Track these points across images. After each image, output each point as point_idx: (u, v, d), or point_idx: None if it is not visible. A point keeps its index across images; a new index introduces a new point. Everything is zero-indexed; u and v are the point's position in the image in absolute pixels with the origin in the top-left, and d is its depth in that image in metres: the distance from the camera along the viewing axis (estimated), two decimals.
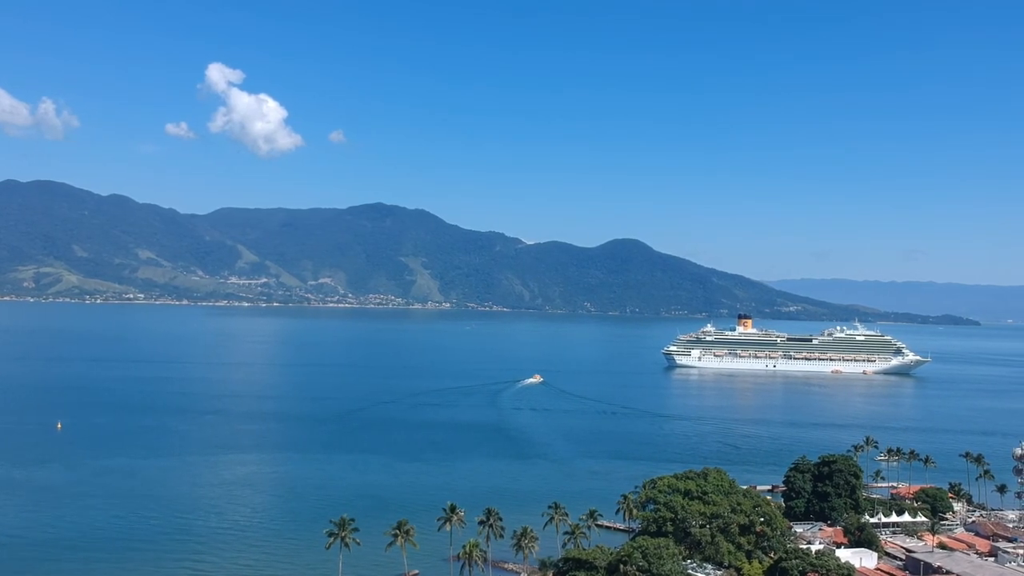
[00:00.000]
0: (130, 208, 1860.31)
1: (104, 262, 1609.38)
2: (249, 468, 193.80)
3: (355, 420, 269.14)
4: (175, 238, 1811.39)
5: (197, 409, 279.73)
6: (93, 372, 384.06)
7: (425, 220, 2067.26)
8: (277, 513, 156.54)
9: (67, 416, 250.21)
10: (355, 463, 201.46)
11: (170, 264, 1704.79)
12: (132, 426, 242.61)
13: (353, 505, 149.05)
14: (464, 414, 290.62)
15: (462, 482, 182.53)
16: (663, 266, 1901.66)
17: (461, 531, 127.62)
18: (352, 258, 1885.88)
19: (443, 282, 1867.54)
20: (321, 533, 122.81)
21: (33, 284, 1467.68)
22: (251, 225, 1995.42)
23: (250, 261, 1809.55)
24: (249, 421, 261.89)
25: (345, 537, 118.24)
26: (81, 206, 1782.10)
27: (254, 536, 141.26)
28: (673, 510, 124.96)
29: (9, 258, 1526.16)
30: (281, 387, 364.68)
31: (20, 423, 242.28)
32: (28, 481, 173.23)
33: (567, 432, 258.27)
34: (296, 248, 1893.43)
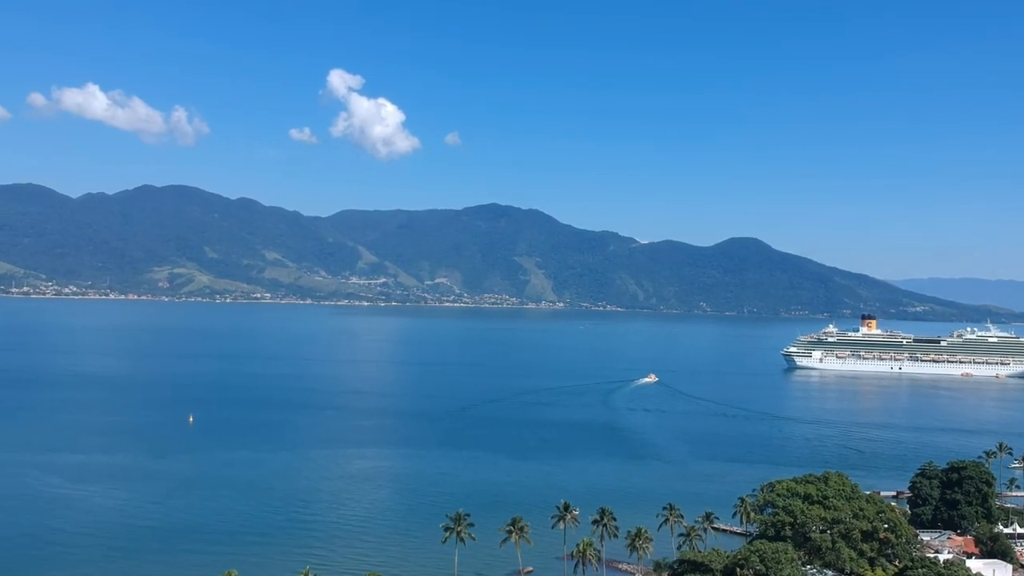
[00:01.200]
0: (257, 211, 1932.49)
1: (233, 263, 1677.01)
2: (367, 463, 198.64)
3: (469, 417, 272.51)
4: (299, 240, 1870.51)
5: (318, 405, 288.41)
6: (222, 368, 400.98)
7: (539, 220, 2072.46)
8: (394, 508, 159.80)
9: (198, 410, 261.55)
10: (469, 460, 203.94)
11: (295, 265, 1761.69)
12: (257, 420, 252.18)
13: (468, 501, 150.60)
14: (577, 413, 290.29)
15: (575, 481, 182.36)
16: (782, 265, 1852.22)
17: (575, 530, 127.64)
18: (467, 258, 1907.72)
19: (557, 282, 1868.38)
20: (437, 528, 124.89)
21: (167, 284, 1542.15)
22: (371, 227, 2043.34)
23: (370, 262, 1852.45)
24: (367, 417, 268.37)
25: (460, 532, 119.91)
26: (212, 209, 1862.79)
27: (372, 530, 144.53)
28: (792, 514, 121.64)
29: (145, 259, 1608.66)
30: (397, 384, 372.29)
31: (157, 417, 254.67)
32: (163, 471, 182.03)
33: (682, 433, 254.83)
34: (413, 249, 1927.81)
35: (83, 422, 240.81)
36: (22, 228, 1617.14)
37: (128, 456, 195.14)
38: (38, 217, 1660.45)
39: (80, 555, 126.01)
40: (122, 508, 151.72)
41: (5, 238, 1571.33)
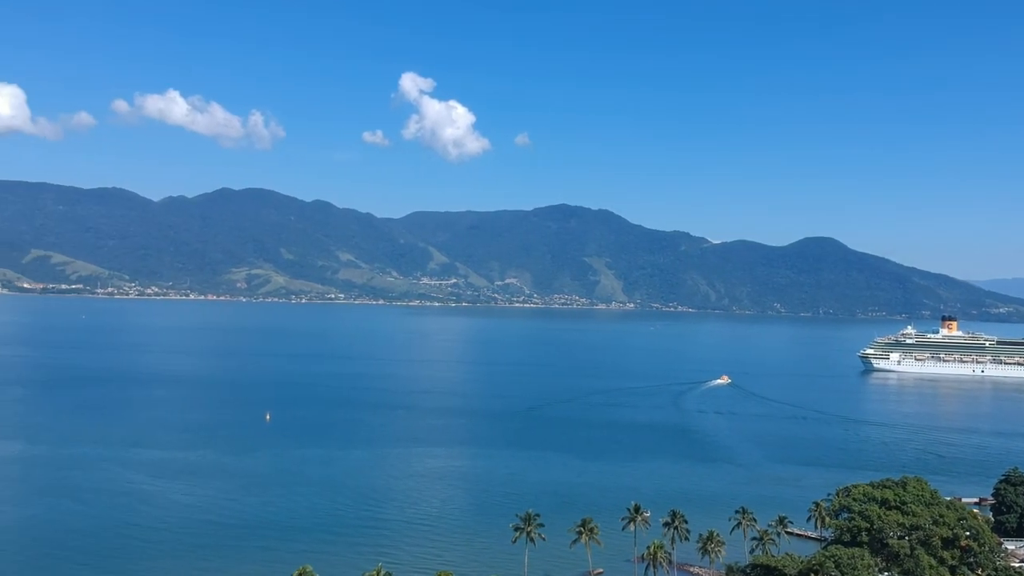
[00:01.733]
0: (331, 213, 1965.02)
1: (308, 264, 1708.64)
2: (438, 462, 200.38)
3: (538, 418, 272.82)
4: (372, 241, 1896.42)
5: (390, 404, 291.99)
6: (297, 368, 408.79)
7: (609, 220, 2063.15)
8: (464, 507, 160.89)
9: (274, 408, 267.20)
10: (538, 460, 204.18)
11: (367, 266, 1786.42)
12: (331, 419, 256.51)
13: (538, 501, 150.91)
14: (647, 415, 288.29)
15: (645, 483, 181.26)
16: (859, 265, 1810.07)
17: (645, 532, 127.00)
18: (537, 259, 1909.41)
19: (627, 282, 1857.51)
20: (507, 528, 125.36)
21: (245, 285, 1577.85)
22: (442, 227, 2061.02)
23: (441, 262, 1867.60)
24: (438, 416, 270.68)
25: (531, 532, 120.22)
26: (287, 211, 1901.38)
27: (442, 528, 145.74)
28: (869, 520, 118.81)
29: (224, 260, 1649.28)
30: (467, 384, 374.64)
31: (235, 414, 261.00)
32: (241, 468, 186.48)
33: (755, 436, 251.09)
34: (484, 249, 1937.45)
35: (164, 419, 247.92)
36: (107, 231, 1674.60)
37: (206, 453, 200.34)
38: (122, 220, 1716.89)
39: (159, 549, 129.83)
40: (200, 504, 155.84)
41: (91, 240, 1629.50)
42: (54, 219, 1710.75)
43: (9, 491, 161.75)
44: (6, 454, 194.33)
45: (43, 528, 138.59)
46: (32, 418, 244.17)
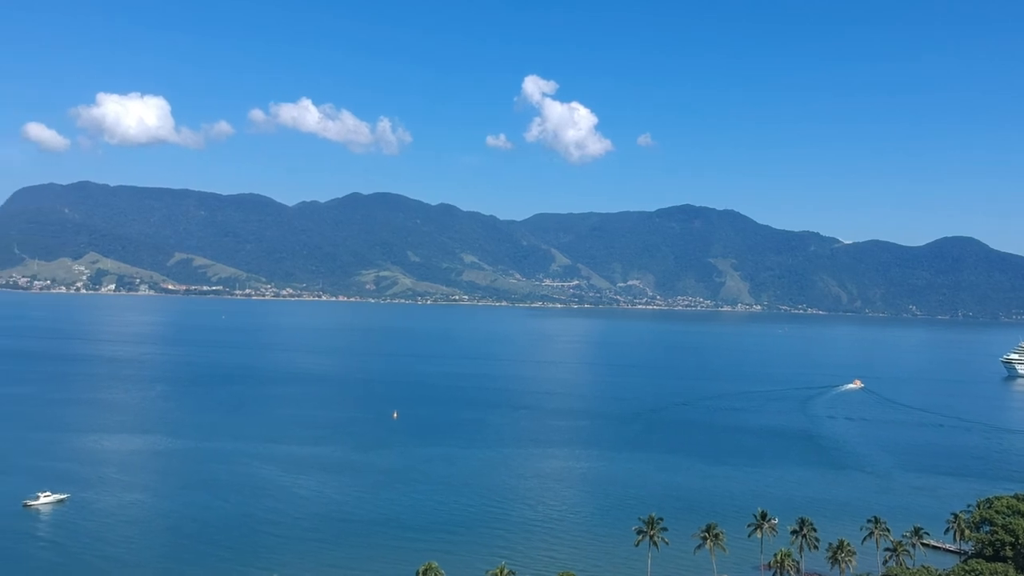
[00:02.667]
0: (456, 216, 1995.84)
1: (433, 266, 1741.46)
2: (559, 463, 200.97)
3: (660, 420, 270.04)
4: (495, 243, 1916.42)
5: (512, 404, 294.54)
6: (423, 367, 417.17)
7: (735, 220, 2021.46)
8: (587, 508, 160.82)
9: (401, 407, 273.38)
10: (661, 463, 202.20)
11: (491, 268, 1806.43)
12: (455, 418, 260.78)
13: (661, 505, 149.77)
14: (773, 419, 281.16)
15: (771, 489, 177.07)
16: (1002, 265, 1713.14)
17: (772, 539, 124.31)
18: (660, 260, 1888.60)
19: (753, 284, 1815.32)
20: (629, 530, 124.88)
21: (374, 286, 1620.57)
22: (564, 229, 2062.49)
23: (563, 264, 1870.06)
24: (559, 417, 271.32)
25: (653, 536, 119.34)
26: (414, 215, 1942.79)
27: (565, 529, 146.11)
28: (1014, 533, 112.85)
29: (354, 263, 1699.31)
30: (589, 385, 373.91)
31: (363, 412, 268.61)
32: (369, 464, 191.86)
33: (888, 443, 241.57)
34: (606, 251, 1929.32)
35: (297, 416, 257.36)
36: (245, 235, 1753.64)
37: (337, 448, 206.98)
38: (259, 224, 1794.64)
39: (291, 541, 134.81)
40: (330, 498, 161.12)
41: (231, 244, 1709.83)
42: (196, 224, 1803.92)
43: (155, 483, 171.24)
44: (152, 448, 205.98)
45: (184, 519, 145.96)
46: (175, 414, 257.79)
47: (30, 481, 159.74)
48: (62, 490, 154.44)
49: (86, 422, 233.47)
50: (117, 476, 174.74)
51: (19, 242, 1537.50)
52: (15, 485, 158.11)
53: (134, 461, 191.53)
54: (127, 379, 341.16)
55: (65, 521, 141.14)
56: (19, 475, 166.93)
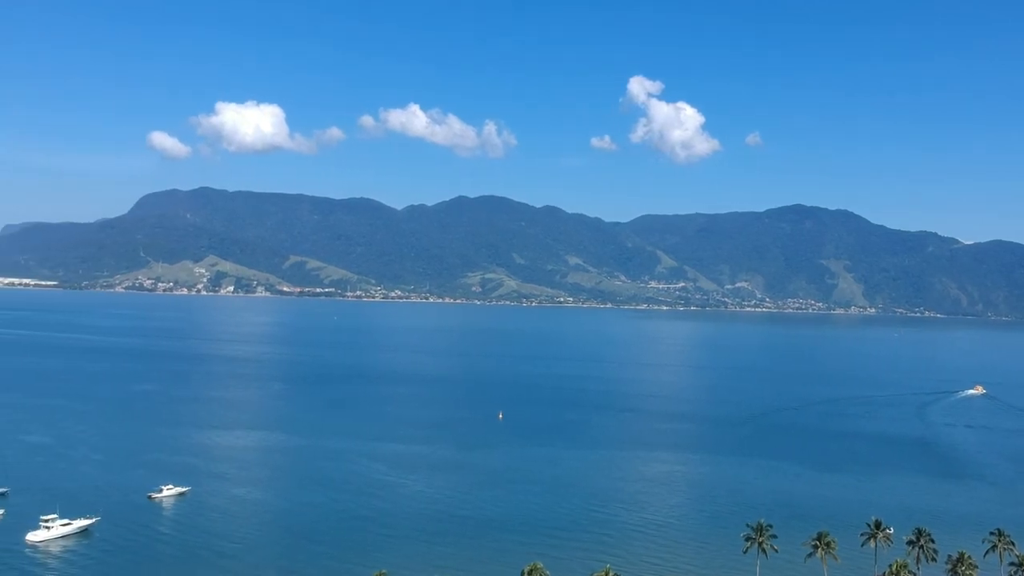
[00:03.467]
0: (561, 218, 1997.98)
1: (538, 268, 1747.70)
2: (664, 466, 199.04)
3: (768, 425, 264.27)
4: (600, 245, 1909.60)
5: (616, 406, 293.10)
6: (528, 368, 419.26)
7: (848, 221, 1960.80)
8: (692, 513, 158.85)
9: (507, 407, 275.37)
10: (768, 468, 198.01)
11: (596, 270, 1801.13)
12: (559, 419, 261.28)
13: (769, 511, 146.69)
14: (887, 426, 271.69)
15: (885, 498, 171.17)
16: None
17: (887, 549, 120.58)
18: (770, 262, 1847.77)
19: (867, 286, 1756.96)
20: (737, 537, 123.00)
21: (479, 288, 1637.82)
22: (670, 231, 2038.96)
23: (669, 266, 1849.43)
24: (664, 420, 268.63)
25: (762, 543, 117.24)
26: (519, 217, 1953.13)
27: (670, 533, 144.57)
28: None
29: (460, 265, 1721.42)
30: (695, 389, 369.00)
31: (469, 413, 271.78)
32: (474, 463, 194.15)
33: (1012, 452, 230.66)
34: (713, 252, 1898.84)
35: (405, 415, 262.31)
36: (356, 238, 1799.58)
37: (443, 448, 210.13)
38: (369, 228, 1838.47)
39: (400, 537, 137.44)
40: (437, 496, 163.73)
41: (342, 247, 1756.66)
42: (310, 228, 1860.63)
43: (270, 478, 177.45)
44: (268, 444, 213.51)
45: (297, 513, 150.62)
46: (290, 412, 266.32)
47: (154, 474, 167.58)
48: (184, 483, 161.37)
49: (206, 419, 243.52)
50: (234, 471, 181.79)
51: (144, 246, 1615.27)
52: (141, 478, 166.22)
53: (250, 457, 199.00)
54: (245, 378, 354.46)
55: (186, 513, 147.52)
56: (144, 469, 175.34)
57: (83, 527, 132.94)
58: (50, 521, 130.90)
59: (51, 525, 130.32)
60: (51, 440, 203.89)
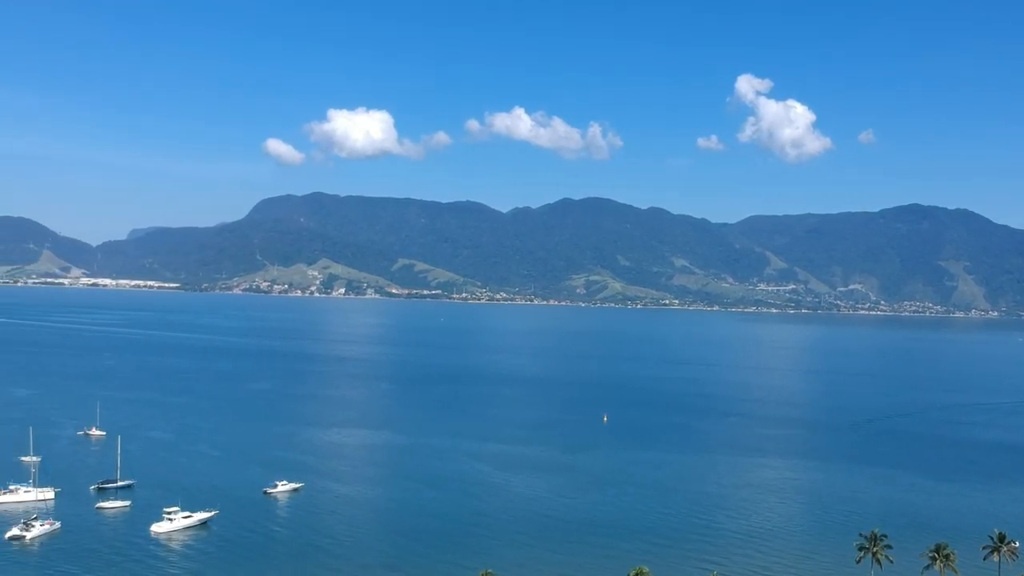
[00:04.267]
0: (666, 219, 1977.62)
1: (643, 270, 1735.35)
2: (772, 473, 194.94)
3: (882, 431, 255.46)
4: (707, 246, 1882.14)
5: (721, 411, 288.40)
6: (633, 371, 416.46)
7: (968, 220, 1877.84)
8: (802, 521, 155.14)
9: (611, 409, 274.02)
10: (882, 477, 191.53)
11: (702, 271, 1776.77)
12: (663, 423, 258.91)
13: (883, 521, 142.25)
14: (1011, 435, 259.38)
15: (1009, 510, 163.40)
16: None
17: (1011, 564, 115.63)
18: (885, 263, 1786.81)
19: (989, 288, 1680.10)
20: (849, 546, 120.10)
21: (584, 290, 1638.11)
22: (779, 232, 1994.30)
23: (778, 268, 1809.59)
24: (772, 426, 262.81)
25: (876, 553, 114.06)
26: (624, 219, 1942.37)
27: (779, 542, 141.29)
28: None
29: (565, 267, 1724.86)
30: (803, 393, 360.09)
31: (573, 414, 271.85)
32: (578, 466, 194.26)
33: None
34: (824, 254, 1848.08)
35: (509, 416, 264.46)
36: (462, 240, 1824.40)
37: (547, 449, 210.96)
38: (475, 231, 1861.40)
39: (503, 537, 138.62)
40: (540, 497, 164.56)
41: (448, 250, 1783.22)
42: (417, 231, 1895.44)
43: (379, 476, 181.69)
44: (377, 443, 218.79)
45: (404, 511, 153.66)
46: (397, 411, 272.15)
47: (269, 470, 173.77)
48: (297, 480, 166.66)
49: (318, 417, 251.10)
50: (345, 468, 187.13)
51: (261, 249, 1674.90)
52: (256, 474, 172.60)
53: (360, 454, 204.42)
54: (354, 377, 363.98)
55: (299, 509, 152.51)
56: (260, 465, 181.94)
57: (203, 520, 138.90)
58: (172, 513, 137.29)
59: (173, 517, 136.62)
60: (173, 436, 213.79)
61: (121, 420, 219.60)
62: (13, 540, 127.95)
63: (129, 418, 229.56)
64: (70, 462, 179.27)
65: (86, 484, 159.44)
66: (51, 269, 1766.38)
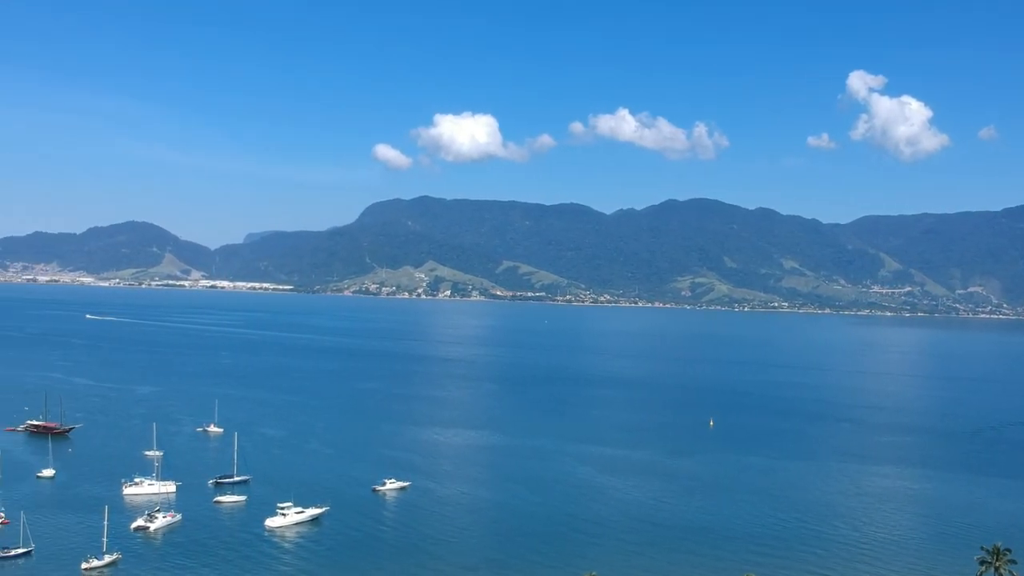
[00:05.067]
0: (775, 220, 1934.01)
1: (751, 272, 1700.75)
2: (886, 481, 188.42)
3: (1005, 440, 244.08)
4: (817, 248, 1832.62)
5: (832, 416, 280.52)
6: (741, 375, 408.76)
7: None
8: (919, 532, 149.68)
9: (717, 414, 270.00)
10: (1005, 488, 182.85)
11: (813, 274, 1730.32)
12: (772, 427, 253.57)
13: (1006, 534, 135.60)
14: None
15: None
16: None
17: None
18: (1008, 265, 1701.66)
19: None
20: (969, 560, 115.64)
21: (689, 292, 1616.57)
22: (893, 232, 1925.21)
23: (893, 269, 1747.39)
24: (886, 432, 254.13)
25: (1000, 567, 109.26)
26: (730, 220, 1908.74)
27: (893, 553, 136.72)
28: None
29: (670, 269, 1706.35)
30: (921, 399, 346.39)
31: (678, 418, 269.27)
32: (682, 470, 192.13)
33: None
34: (942, 255, 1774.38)
35: (611, 418, 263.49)
36: (566, 243, 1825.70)
37: (650, 453, 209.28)
38: (578, 233, 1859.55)
39: (604, 541, 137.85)
40: (643, 502, 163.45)
41: (552, 252, 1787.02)
42: (521, 233, 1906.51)
43: (482, 476, 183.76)
44: (482, 443, 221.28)
45: (508, 511, 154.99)
46: (501, 411, 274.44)
47: (378, 468, 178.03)
48: (404, 478, 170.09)
49: (424, 416, 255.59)
50: (450, 467, 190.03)
51: (370, 252, 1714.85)
52: (366, 471, 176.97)
53: (464, 454, 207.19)
54: (460, 378, 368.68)
55: (406, 507, 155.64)
56: (369, 462, 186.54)
57: (314, 516, 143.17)
58: (286, 509, 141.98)
59: (287, 512, 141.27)
60: (286, 433, 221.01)
61: (237, 417, 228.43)
62: (138, 530, 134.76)
63: (245, 415, 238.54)
64: (190, 457, 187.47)
65: (205, 478, 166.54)
66: (173, 272, 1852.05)
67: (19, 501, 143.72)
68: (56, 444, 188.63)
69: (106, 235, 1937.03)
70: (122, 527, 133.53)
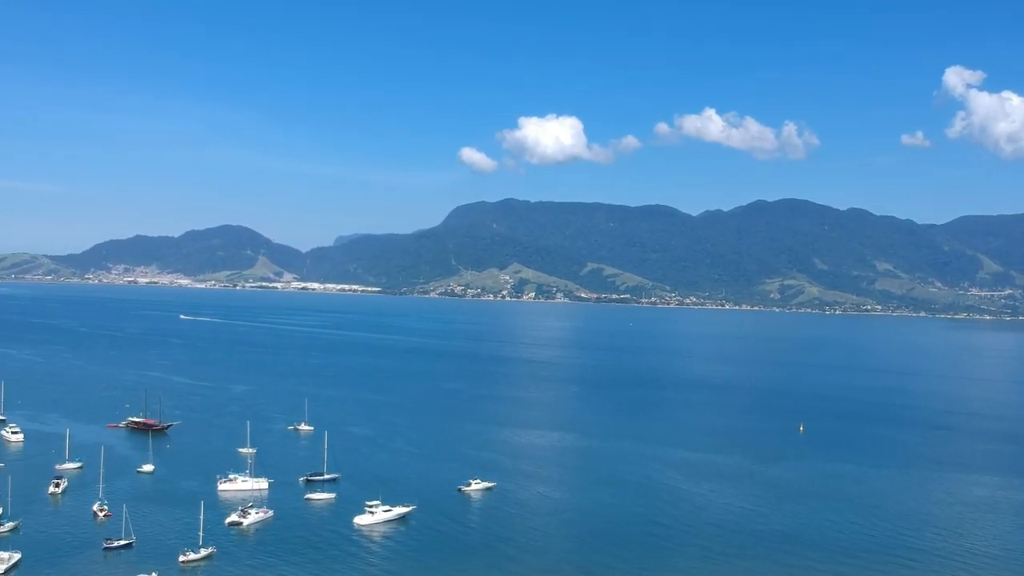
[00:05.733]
0: (868, 221, 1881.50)
1: (842, 274, 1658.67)
2: (986, 491, 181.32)
3: None
4: (912, 249, 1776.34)
5: (927, 423, 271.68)
6: (832, 379, 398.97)
7: None
8: (1020, 545, 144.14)
9: (807, 419, 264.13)
10: None
11: (907, 276, 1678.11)
12: (863, 434, 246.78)
13: None
14: None
15: None
16: None
17: None
18: None
19: None
20: None
21: (778, 295, 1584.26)
22: (993, 233, 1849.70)
23: (992, 271, 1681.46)
24: (986, 440, 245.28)
25: None
26: (821, 221, 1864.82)
27: (996, 566, 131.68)
28: None
29: (758, 271, 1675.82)
30: (1022, 407, 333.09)
31: (766, 422, 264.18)
32: (771, 477, 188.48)
33: None
34: None
35: (697, 422, 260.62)
36: (651, 244, 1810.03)
37: (737, 458, 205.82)
38: (664, 234, 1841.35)
39: (689, 547, 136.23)
40: (731, 507, 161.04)
41: (637, 254, 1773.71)
42: (606, 235, 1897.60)
43: (566, 477, 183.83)
44: (566, 444, 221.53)
45: (591, 514, 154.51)
46: (585, 413, 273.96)
47: (463, 468, 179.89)
48: (490, 478, 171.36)
49: (508, 417, 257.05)
50: (535, 468, 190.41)
51: (455, 254, 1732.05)
52: (451, 471, 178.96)
53: (549, 456, 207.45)
54: (543, 379, 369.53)
55: (491, 507, 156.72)
56: (454, 462, 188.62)
57: (402, 514, 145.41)
58: (374, 507, 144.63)
59: (375, 510, 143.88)
60: (374, 432, 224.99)
61: (327, 416, 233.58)
62: (232, 525, 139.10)
63: (334, 414, 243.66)
64: (281, 455, 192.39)
65: (296, 476, 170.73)
66: (266, 273, 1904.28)
67: (121, 495, 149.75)
68: (155, 440, 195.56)
69: (202, 238, 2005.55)
70: (217, 522, 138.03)
